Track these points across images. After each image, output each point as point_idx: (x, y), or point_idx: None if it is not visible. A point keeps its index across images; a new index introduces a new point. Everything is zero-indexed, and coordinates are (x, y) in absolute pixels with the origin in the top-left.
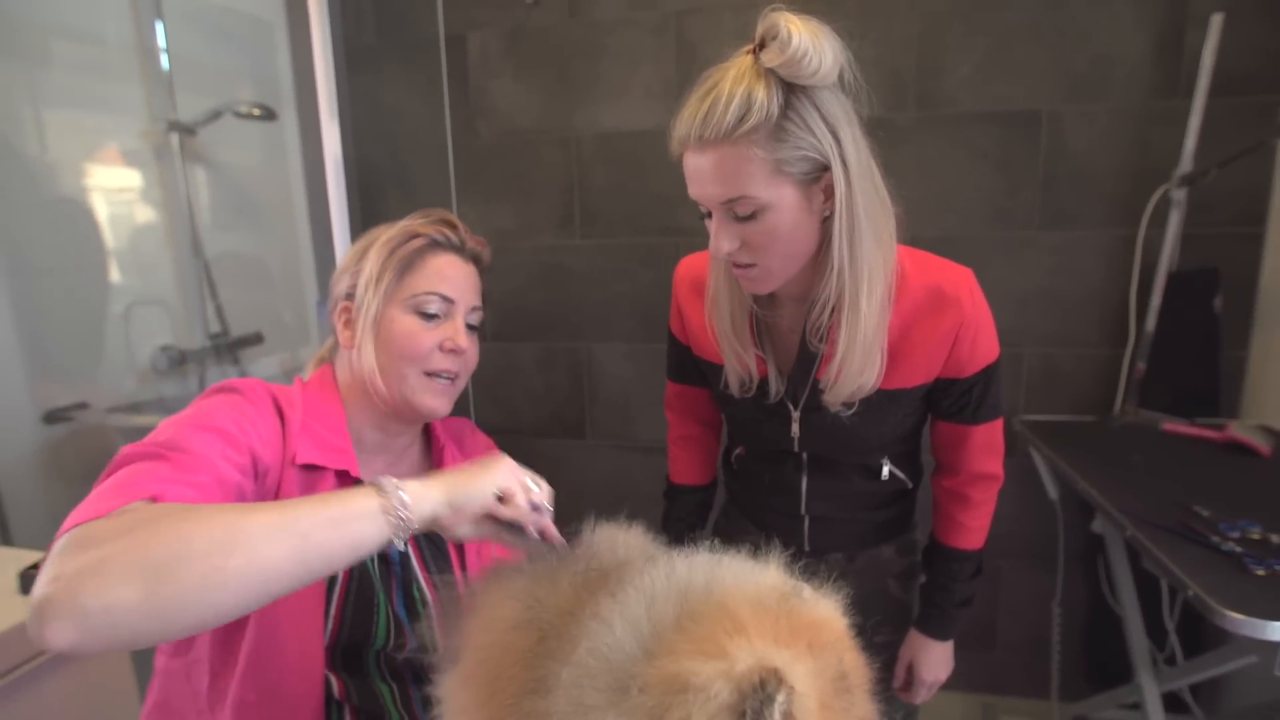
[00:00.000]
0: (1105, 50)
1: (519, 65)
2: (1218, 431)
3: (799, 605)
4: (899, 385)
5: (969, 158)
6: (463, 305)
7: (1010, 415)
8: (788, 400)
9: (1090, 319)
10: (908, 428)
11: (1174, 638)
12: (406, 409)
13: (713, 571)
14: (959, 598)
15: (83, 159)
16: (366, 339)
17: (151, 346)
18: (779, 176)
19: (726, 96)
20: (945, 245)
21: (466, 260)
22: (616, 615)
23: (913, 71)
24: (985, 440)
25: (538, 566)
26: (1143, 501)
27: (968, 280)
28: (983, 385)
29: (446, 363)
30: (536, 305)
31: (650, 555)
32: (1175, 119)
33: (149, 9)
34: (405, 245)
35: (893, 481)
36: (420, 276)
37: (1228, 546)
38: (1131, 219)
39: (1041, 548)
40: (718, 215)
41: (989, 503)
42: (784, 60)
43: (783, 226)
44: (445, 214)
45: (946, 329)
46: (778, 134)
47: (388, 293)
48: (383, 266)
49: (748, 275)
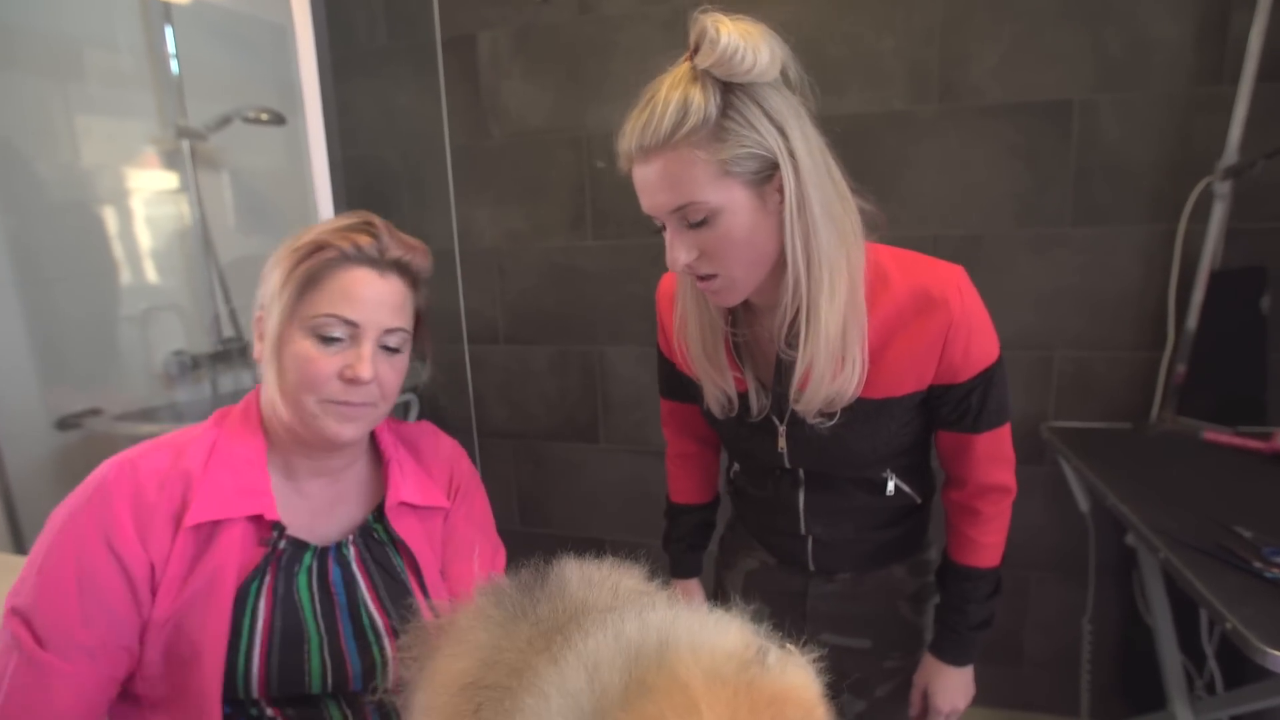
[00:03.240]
0: (1142, 35)
1: (529, 64)
2: (1264, 442)
3: (761, 676)
4: (887, 394)
5: (996, 151)
6: (372, 329)
7: (1039, 422)
8: (772, 415)
9: (1125, 320)
10: (907, 439)
11: (1213, 663)
12: (310, 434)
13: (667, 632)
14: (974, 620)
15: (94, 166)
16: (268, 359)
17: (165, 352)
18: (726, 178)
19: (663, 103)
20: (971, 244)
21: (385, 274)
22: (554, 687)
23: (936, 62)
24: (990, 449)
25: (504, 609)
26: (1179, 520)
27: (956, 278)
28: (982, 390)
29: (348, 394)
30: (549, 307)
31: (609, 605)
32: (1219, 107)
33: (158, 15)
34: (311, 258)
35: (899, 497)
36: (323, 295)
37: (1272, 574)
38: (1171, 214)
39: (1071, 561)
40: (671, 226)
41: (1001, 516)
42: (716, 59)
43: (738, 230)
44: (367, 218)
45: (935, 332)
46: (719, 134)
47: (288, 311)
48: (285, 280)
49: (711, 288)
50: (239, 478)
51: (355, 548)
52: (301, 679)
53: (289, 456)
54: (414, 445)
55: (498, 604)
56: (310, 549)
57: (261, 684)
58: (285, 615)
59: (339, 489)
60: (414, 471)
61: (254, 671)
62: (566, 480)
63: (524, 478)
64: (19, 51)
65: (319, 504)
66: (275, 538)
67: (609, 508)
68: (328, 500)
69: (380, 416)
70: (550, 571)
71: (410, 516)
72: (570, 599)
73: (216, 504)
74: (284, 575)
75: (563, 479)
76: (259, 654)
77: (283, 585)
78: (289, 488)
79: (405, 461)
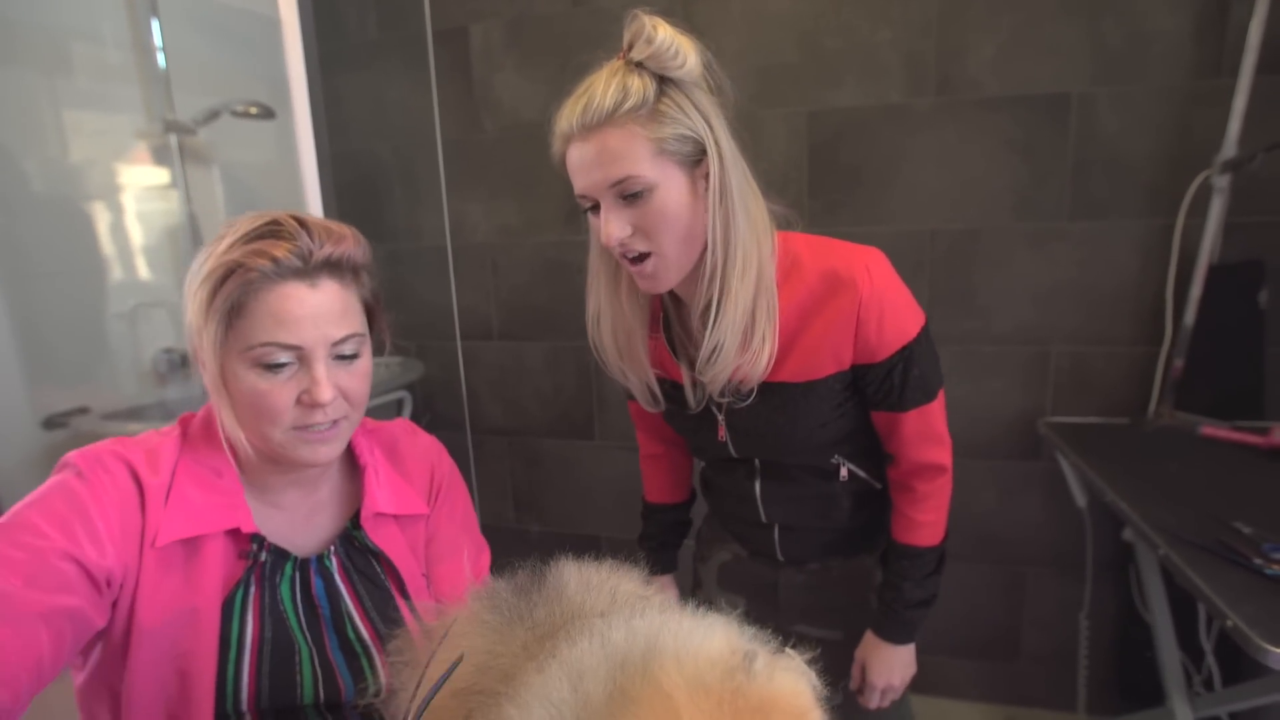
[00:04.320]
0: (1141, 27)
1: (522, 57)
2: (1262, 436)
3: (746, 683)
4: (810, 376)
5: (993, 145)
6: (319, 346)
7: (1035, 417)
8: (711, 406)
9: (1123, 314)
10: (847, 423)
11: (1211, 659)
12: (285, 461)
13: (653, 639)
14: (912, 598)
15: (82, 161)
16: (219, 394)
17: (154, 349)
18: (662, 156)
19: (603, 87)
20: (968, 238)
21: (315, 282)
22: (536, 697)
23: (933, 54)
24: (919, 427)
25: (501, 613)
26: (1178, 516)
27: (865, 259)
28: (903, 368)
29: (313, 417)
30: (543, 303)
31: (607, 610)
32: (1218, 100)
33: (145, 7)
34: (225, 285)
35: (855, 482)
36: (252, 322)
37: (1272, 570)
38: (1169, 208)
39: (1069, 556)
40: (607, 201)
41: (936, 495)
42: (652, 52)
43: (672, 206)
44: (275, 222)
45: (846, 312)
46: (656, 115)
47: (217, 346)
48: (205, 317)
49: (645, 271)
50: (210, 493)
51: (337, 558)
52: (293, 691)
53: (261, 472)
54: (391, 447)
55: (493, 608)
56: (291, 559)
57: (251, 697)
58: (274, 626)
59: (315, 499)
60: (391, 478)
61: (244, 684)
62: (561, 477)
63: (518, 475)
64: (3, 46)
65: (296, 516)
66: (255, 549)
67: (604, 504)
68: (304, 512)
69: (355, 424)
70: (548, 574)
71: (390, 525)
72: (568, 603)
73: (189, 521)
74: (268, 586)
75: (558, 476)
76: (249, 666)
77: (268, 596)
78: (263, 500)
79: (382, 467)
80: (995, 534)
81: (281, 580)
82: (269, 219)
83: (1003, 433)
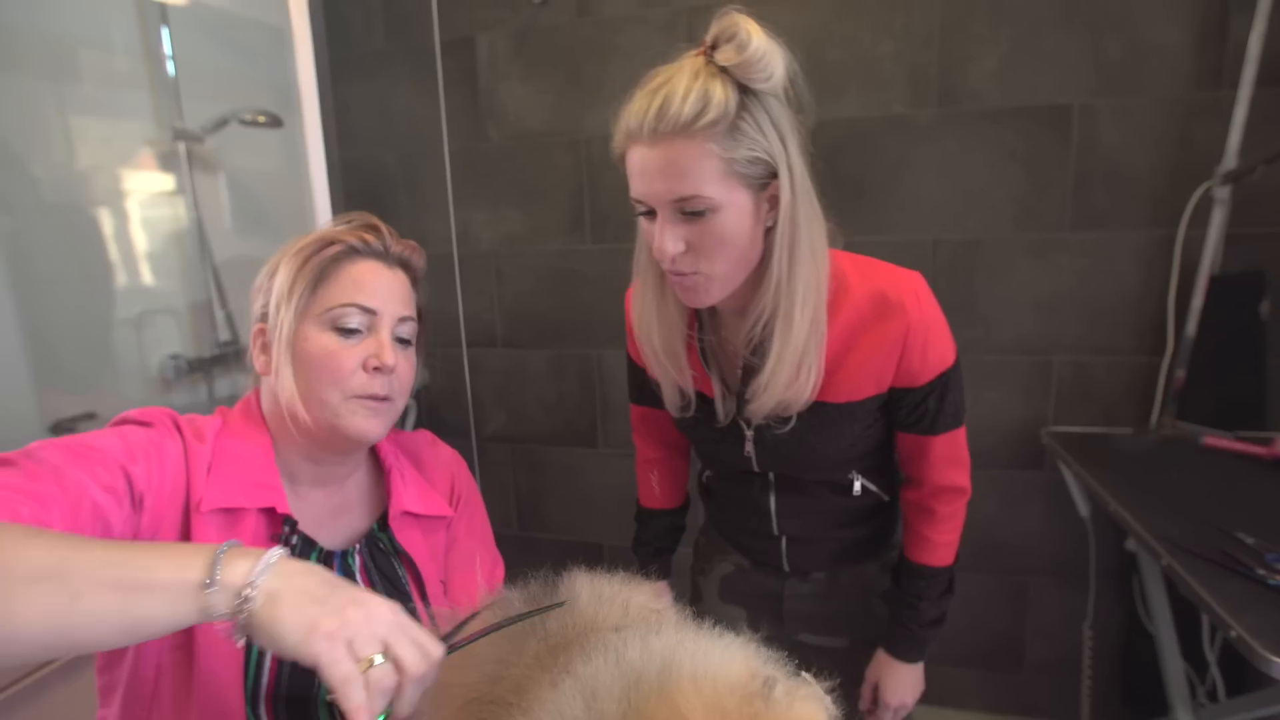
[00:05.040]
0: (1141, 39)
1: (528, 66)
2: (1264, 447)
3: (765, 711)
4: (849, 398)
5: (995, 156)
6: (388, 316)
7: (1038, 427)
8: (740, 420)
9: (1125, 325)
10: (871, 441)
11: (1215, 670)
12: (335, 437)
13: (669, 659)
14: (927, 617)
15: (90, 167)
16: (284, 362)
17: (160, 355)
18: (731, 178)
19: (683, 91)
20: (969, 249)
21: (392, 266)
22: (549, 714)
23: (935, 65)
24: (946, 451)
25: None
26: (1180, 526)
27: (912, 284)
28: (939, 394)
29: (374, 385)
30: (547, 311)
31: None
32: (1218, 112)
33: (155, 16)
34: (319, 254)
35: (867, 496)
36: (336, 287)
37: (1275, 580)
38: (1170, 219)
39: (1072, 566)
40: (664, 215)
41: (955, 516)
42: (741, 61)
43: (731, 230)
44: (368, 218)
45: (893, 337)
46: (733, 133)
47: (301, 308)
48: (294, 279)
49: (686, 284)
50: (248, 471)
51: (361, 557)
52: (311, 679)
53: (293, 462)
54: (414, 454)
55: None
56: (317, 549)
57: (272, 681)
58: None
59: (341, 499)
60: (416, 480)
61: (267, 666)
62: (564, 484)
63: (521, 482)
64: (13, 51)
65: (321, 513)
66: (287, 532)
67: (607, 512)
68: (330, 510)
69: (398, 413)
70: (560, 585)
71: (413, 527)
72: (580, 615)
73: (230, 492)
74: None
75: (561, 483)
76: (272, 653)
77: None
78: (293, 492)
79: (406, 470)
80: (998, 544)
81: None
82: (364, 217)
83: (1005, 442)
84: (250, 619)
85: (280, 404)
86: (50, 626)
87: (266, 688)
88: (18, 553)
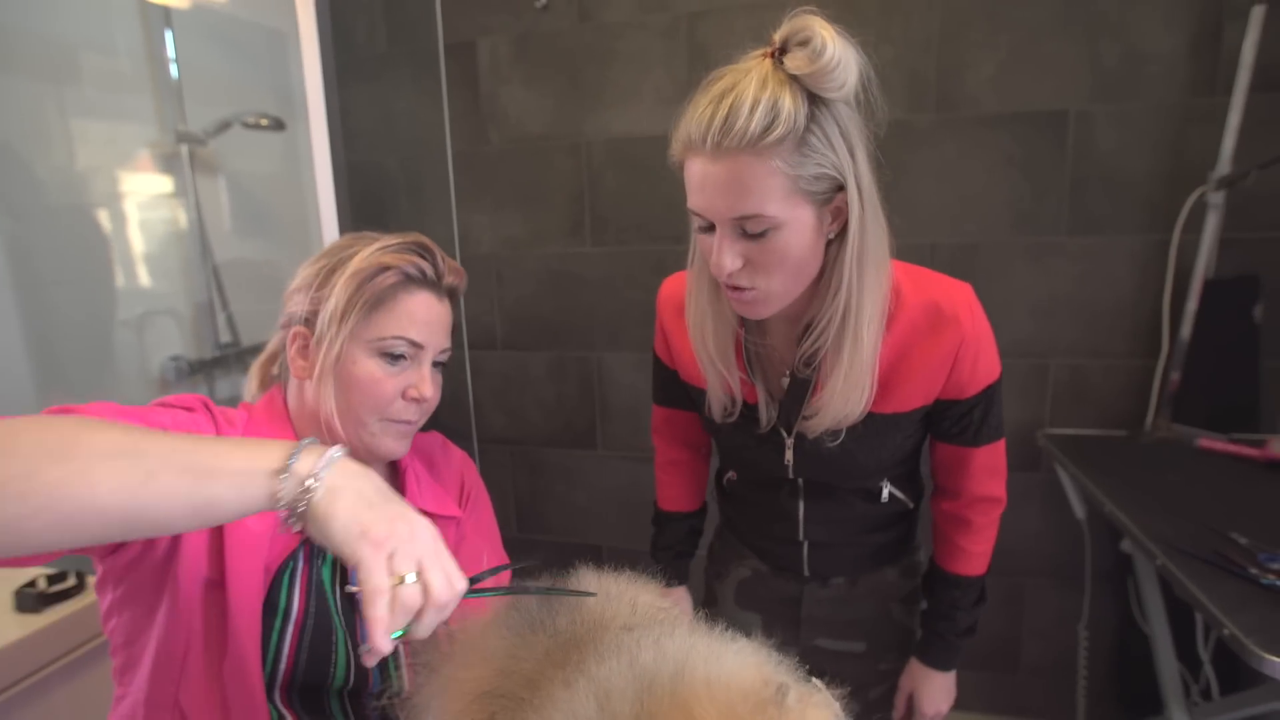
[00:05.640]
0: (1136, 46)
1: (529, 71)
2: (1258, 449)
3: (778, 718)
4: (897, 409)
5: (992, 161)
6: (432, 349)
7: (1034, 429)
8: (780, 428)
9: (1121, 328)
10: (907, 450)
11: (1209, 669)
12: (363, 452)
13: (683, 662)
14: (962, 626)
15: (93, 169)
16: (326, 379)
17: (161, 357)
18: (796, 195)
19: (751, 102)
20: (967, 252)
21: (441, 297)
22: (562, 714)
23: (933, 71)
24: (987, 462)
25: (522, 617)
26: (1175, 527)
27: (966, 296)
28: (984, 406)
29: (408, 412)
30: (547, 314)
31: (629, 622)
32: (1213, 118)
33: (159, 19)
34: (375, 280)
35: (893, 503)
36: (389, 318)
37: (1268, 580)
38: (1165, 224)
39: (1067, 567)
40: (724, 231)
41: (991, 526)
42: (814, 70)
43: (794, 248)
44: (421, 241)
45: (946, 349)
46: (800, 147)
47: (352, 331)
48: (349, 302)
49: (744, 298)
50: None
51: None
52: (327, 669)
53: None
54: (427, 456)
55: (515, 613)
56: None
57: (289, 670)
58: (318, 603)
59: None
60: (429, 481)
61: (284, 654)
62: (564, 486)
63: (521, 484)
64: (16, 54)
65: None
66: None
67: (607, 514)
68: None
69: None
70: (569, 583)
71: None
72: (589, 612)
73: None
74: (314, 564)
75: (560, 485)
76: (291, 638)
77: (315, 574)
78: None
79: (420, 471)
80: (995, 545)
81: (323, 564)
82: (414, 238)
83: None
84: (309, 509)
85: (310, 408)
86: (126, 500)
87: (283, 675)
88: (97, 433)
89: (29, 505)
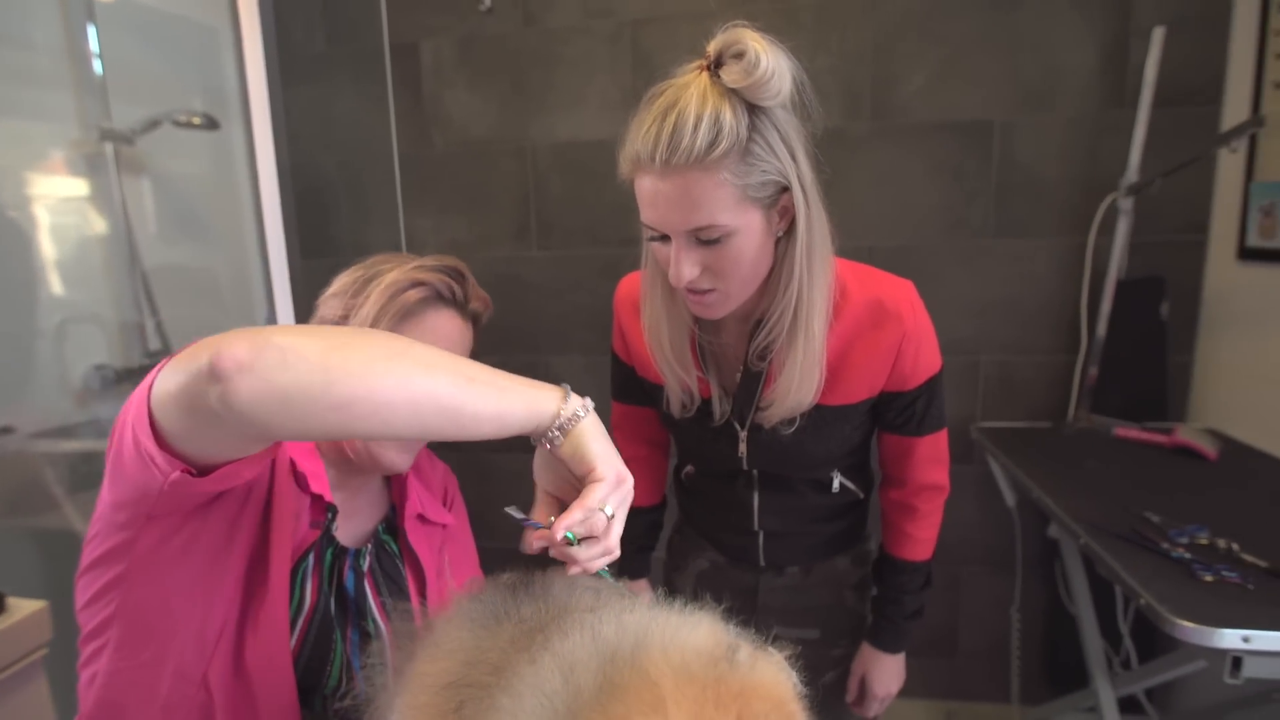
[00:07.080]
0: (1055, 61)
1: (473, 74)
2: (1166, 435)
3: (729, 672)
4: (844, 401)
5: (925, 168)
6: None
7: (968, 423)
8: (734, 420)
9: (1045, 326)
10: (856, 441)
11: (1128, 641)
12: (369, 462)
13: (642, 633)
14: (910, 609)
15: (7, 169)
16: None
17: (85, 366)
18: (745, 202)
19: (694, 119)
20: (903, 254)
21: (466, 320)
22: (528, 688)
23: (868, 82)
24: (930, 451)
25: (487, 609)
26: (1096, 509)
27: (908, 293)
28: (926, 398)
29: None
30: (493, 318)
31: (592, 605)
32: (1122, 129)
33: (80, 12)
34: (407, 293)
35: (844, 493)
36: (414, 331)
37: (1177, 553)
38: (1082, 227)
39: (1000, 554)
40: (679, 243)
41: (936, 513)
42: (750, 82)
43: (748, 250)
44: (456, 264)
45: (889, 343)
46: (745, 157)
47: None
48: (381, 310)
49: (705, 300)
50: (307, 457)
51: (370, 557)
52: (324, 668)
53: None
54: (416, 465)
55: (479, 606)
56: (334, 544)
57: (298, 645)
58: (324, 601)
59: (355, 502)
60: (421, 488)
61: (295, 632)
62: (513, 492)
63: (470, 491)
64: None
65: (340, 513)
66: (330, 520)
67: None
68: (346, 511)
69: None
70: (534, 576)
71: (421, 529)
72: (554, 600)
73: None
74: (323, 563)
75: (509, 491)
76: (299, 633)
77: (324, 572)
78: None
79: (413, 479)
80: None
81: (327, 565)
82: (450, 261)
83: None
84: (575, 429)
85: None
86: (456, 392)
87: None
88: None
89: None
